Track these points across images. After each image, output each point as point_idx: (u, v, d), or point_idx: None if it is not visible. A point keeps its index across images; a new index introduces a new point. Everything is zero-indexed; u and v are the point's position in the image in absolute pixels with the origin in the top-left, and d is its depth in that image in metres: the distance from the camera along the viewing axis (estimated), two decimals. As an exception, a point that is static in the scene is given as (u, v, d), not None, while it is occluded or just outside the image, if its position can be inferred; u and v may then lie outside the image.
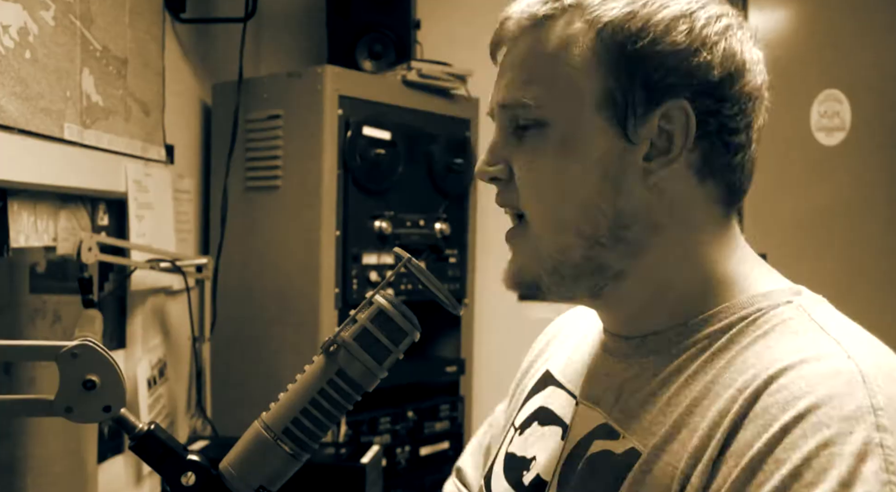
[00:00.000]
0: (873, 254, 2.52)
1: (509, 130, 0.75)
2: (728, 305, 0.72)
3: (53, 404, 0.73)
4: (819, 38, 2.59)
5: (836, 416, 0.58)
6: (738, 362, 0.67)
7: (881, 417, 0.58)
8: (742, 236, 0.78)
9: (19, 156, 1.32)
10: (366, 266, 2.05)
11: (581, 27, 0.70)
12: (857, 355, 0.63)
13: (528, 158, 0.73)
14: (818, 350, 0.64)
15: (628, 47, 0.69)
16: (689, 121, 0.70)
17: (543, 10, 0.72)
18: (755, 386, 0.63)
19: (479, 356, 2.49)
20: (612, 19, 0.69)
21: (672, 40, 0.69)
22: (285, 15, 2.47)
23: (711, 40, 0.70)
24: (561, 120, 0.71)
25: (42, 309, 1.51)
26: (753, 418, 0.61)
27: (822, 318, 0.69)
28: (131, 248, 1.72)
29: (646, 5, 0.69)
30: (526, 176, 0.73)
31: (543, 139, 0.72)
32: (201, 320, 2.02)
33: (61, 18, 1.45)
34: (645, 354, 0.75)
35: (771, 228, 2.58)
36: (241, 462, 0.74)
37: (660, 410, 0.70)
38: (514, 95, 0.73)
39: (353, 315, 0.74)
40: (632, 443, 0.70)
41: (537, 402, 0.88)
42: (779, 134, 2.59)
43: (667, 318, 0.74)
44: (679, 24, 0.69)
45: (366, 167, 2.04)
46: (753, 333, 0.68)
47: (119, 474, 1.74)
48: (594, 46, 0.70)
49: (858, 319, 0.70)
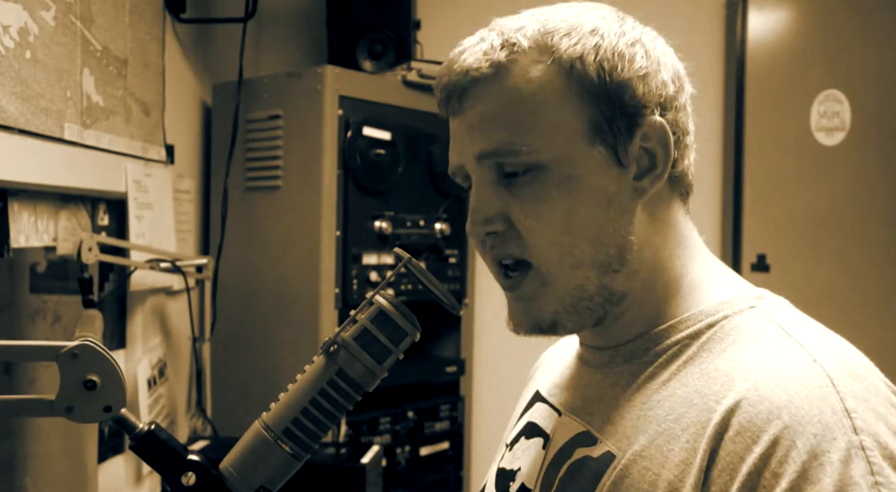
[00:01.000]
0: (873, 254, 2.52)
1: (494, 180, 0.74)
2: (695, 312, 0.74)
3: (54, 404, 0.73)
4: (819, 38, 2.59)
5: (817, 423, 0.61)
6: (710, 371, 0.69)
7: (856, 419, 0.61)
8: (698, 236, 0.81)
9: (19, 156, 1.32)
10: (366, 266, 2.05)
11: (549, 67, 0.71)
12: (821, 358, 0.65)
13: (531, 205, 0.72)
14: (785, 357, 0.66)
15: (603, 79, 0.71)
16: (667, 135, 0.73)
17: (503, 55, 0.72)
18: (733, 397, 0.64)
19: (479, 356, 2.49)
20: (581, 56, 0.71)
21: (637, 66, 0.72)
22: (285, 15, 2.47)
23: (661, 59, 0.75)
24: (557, 159, 0.71)
25: (42, 309, 1.51)
26: (740, 430, 0.63)
27: (784, 321, 0.71)
28: (131, 248, 1.72)
29: (604, 37, 0.72)
30: (533, 224, 0.72)
31: (543, 183, 0.72)
32: (201, 320, 2.02)
33: (61, 18, 1.45)
34: (620, 362, 0.77)
35: (771, 228, 2.58)
36: (242, 462, 0.74)
37: (635, 416, 0.72)
38: (497, 143, 0.72)
39: (354, 315, 0.75)
40: (607, 446, 0.72)
41: (525, 419, 0.90)
42: (779, 134, 2.59)
43: (639, 326, 0.76)
44: (636, 50, 0.73)
45: (366, 167, 2.04)
46: (722, 340, 0.71)
47: (119, 474, 1.74)
48: (567, 84, 0.71)
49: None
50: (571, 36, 0.72)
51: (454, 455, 2.32)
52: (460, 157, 0.77)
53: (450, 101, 0.76)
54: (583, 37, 0.72)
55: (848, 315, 2.48)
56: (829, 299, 2.49)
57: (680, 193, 0.78)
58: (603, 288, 0.74)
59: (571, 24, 0.72)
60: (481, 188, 0.75)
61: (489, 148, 0.73)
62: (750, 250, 2.56)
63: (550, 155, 0.71)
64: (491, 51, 0.72)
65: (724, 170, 2.62)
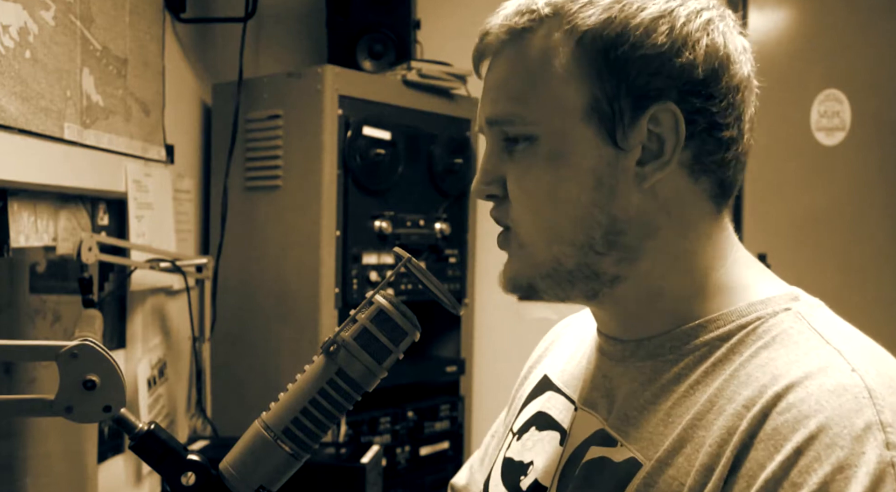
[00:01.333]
0: (873, 254, 2.52)
1: (500, 145, 0.74)
2: (726, 312, 0.71)
3: (53, 404, 0.73)
4: (819, 38, 2.59)
5: (847, 435, 0.58)
6: (741, 375, 0.66)
7: (890, 434, 0.58)
8: (735, 234, 0.78)
9: (19, 156, 1.32)
10: (366, 266, 2.05)
11: (561, 37, 0.69)
12: (860, 368, 0.62)
13: (520, 174, 0.73)
14: (821, 363, 0.63)
15: (610, 54, 0.68)
16: (679, 122, 0.69)
17: (521, 22, 0.71)
18: (763, 403, 0.62)
19: (479, 356, 2.49)
20: (591, 27, 0.68)
21: (653, 42, 0.67)
22: (285, 15, 2.47)
23: (693, 38, 0.68)
24: (549, 133, 0.70)
25: (42, 309, 1.51)
26: (764, 438, 0.60)
27: (822, 326, 0.68)
28: (131, 248, 1.72)
29: (623, 9, 0.68)
30: (518, 193, 0.73)
31: (533, 154, 0.71)
32: (201, 320, 2.02)
33: (61, 18, 1.45)
34: (641, 358, 0.74)
35: (771, 227, 2.58)
36: (241, 462, 0.74)
37: (660, 420, 0.69)
38: (500, 111, 0.73)
39: (353, 315, 0.74)
40: (631, 452, 0.70)
41: (535, 407, 0.87)
42: (779, 134, 2.59)
43: (662, 322, 0.74)
44: (659, 24, 0.68)
45: (366, 167, 2.04)
46: (754, 343, 0.68)
47: (119, 474, 1.74)
48: (576, 56, 0.69)
49: (858, 319, 0.70)
50: (594, 5, 0.69)
51: (454, 455, 2.32)
52: (479, 119, 0.77)
53: (475, 62, 0.77)
54: (604, 7, 0.68)
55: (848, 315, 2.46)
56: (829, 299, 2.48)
57: (707, 188, 0.73)
58: (584, 266, 0.72)
59: None
60: (489, 152, 0.76)
61: (493, 115, 0.74)
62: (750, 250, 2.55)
63: (543, 128, 0.71)
64: (513, 15, 0.72)
65: (724, 170, 2.62)
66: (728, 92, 0.70)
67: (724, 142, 0.72)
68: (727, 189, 0.75)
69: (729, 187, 0.75)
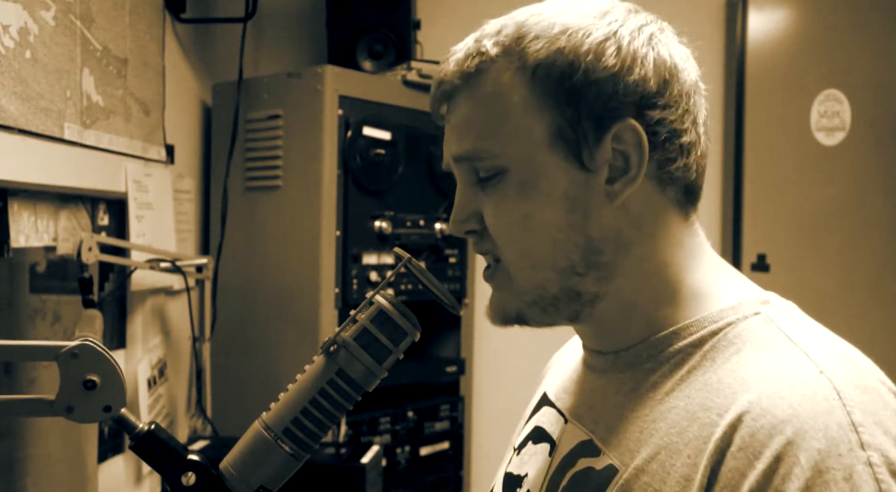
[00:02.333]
0: (873, 253, 2.52)
1: (471, 181, 0.76)
2: (698, 318, 0.72)
3: (54, 404, 0.73)
4: (819, 38, 2.59)
5: (822, 438, 0.59)
6: (713, 382, 0.67)
7: (863, 433, 0.59)
8: (706, 240, 0.79)
9: (19, 156, 1.32)
10: (366, 266, 2.05)
11: (514, 74, 0.72)
12: (827, 369, 0.64)
13: (495, 207, 0.74)
14: (790, 367, 0.65)
15: (565, 83, 0.70)
16: (641, 137, 0.71)
17: (473, 65, 0.73)
18: (736, 411, 0.63)
19: (479, 356, 2.49)
20: (543, 60, 0.70)
21: (604, 65, 0.70)
22: (285, 15, 2.47)
23: (640, 54, 0.71)
24: (517, 164, 0.72)
25: (42, 309, 1.51)
26: (742, 446, 0.61)
27: (790, 329, 0.69)
28: (131, 248, 1.72)
29: (569, 38, 0.70)
30: (495, 223, 0.75)
31: (505, 185, 0.73)
32: (201, 320, 2.02)
33: (61, 18, 1.45)
34: (621, 369, 0.76)
35: (771, 227, 2.58)
36: (242, 462, 0.74)
37: (637, 427, 0.71)
38: (466, 148, 0.75)
39: (353, 315, 0.75)
40: (610, 459, 0.72)
41: (533, 422, 0.90)
42: (779, 134, 2.59)
43: (638, 332, 0.75)
44: (606, 47, 0.70)
45: (366, 167, 2.04)
46: (726, 349, 0.69)
47: (119, 474, 1.74)
48: (532, 89, 0.71)
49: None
50: (540, 39, 0.71)
51: (454, 455, 2.32)
52: (446, 156, 0.79)
53: (433, 106, 0.79)
54: (550, 39, 0.71)
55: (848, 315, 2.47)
56: (829, 299, 2.48)
57: (674, 196, 0.75)
58: (568, 290, 0.74)
59: (544, 26, 0.71)
60: (461, 189, 0.77)
61: (460, 152, 0.76)
62: (750, 250, 2.56)
63: (511, 160, 0.73)
64: (463, 60, 0.74)
65: (724, 170, 2.62)
66: (681, 98, 0.73)
67: (686, 147, 0.74)
68: (693, 195, 0.77)
69: (695, 192, 0.77)
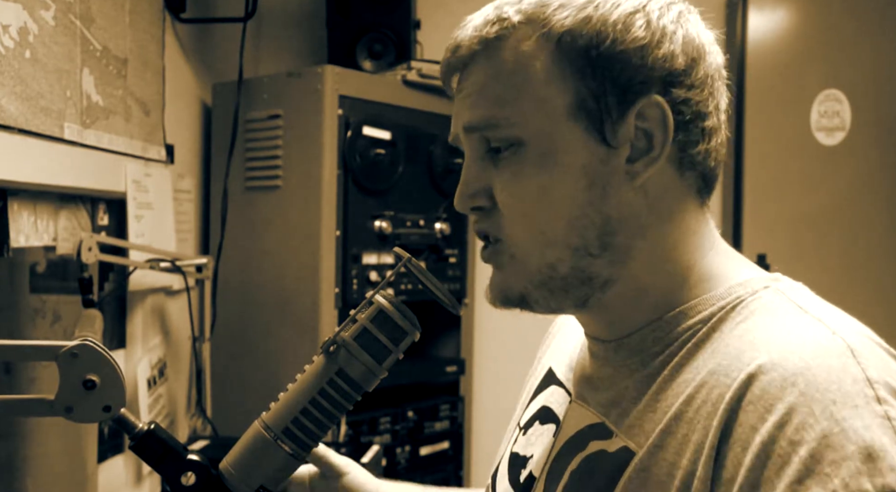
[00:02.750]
0: (873, 253, 2.52)
1: (481, 154, 0.73)
2: (706, 297, 0.71)
3: (53, 404, 0.73)
4: (819, 38, 2.59)
5: (836, 390, 0.57)
6: (721, 349, 0.66)
7: (878, 389, 0.58)
8: (715, 227, 0.78)
9: (19, 156, 1.32)
10: (366, 266, 2.05)
11: (537, 41, 0.69)
12: (840, 331, 0.62)
13: (509, 180, 0.71)
14: (803, 329, 0.63)
15: (591, 52, 0.68)
16: (666, 115, 0.69)
17: (493, 31, 0.70)
18: (748, 369, 0.61)
19: (479, 356, 2.49)
20: (570, 28, 0.68)
21: (633, 37, 0.68)
22: (285, 15, 2.47)
23: (669, 30, 0.69)
24: (536, 136, 0.69)
25: (42, 309, 1.51)
26: (753, 400, 0.59)
27: (801, 300, 0.68)
28: (131, 248, 1.72)
29: (598, 7, 0.68)
30: (509, 200, 0.71)
31: (521, 159, 0.70)
32: (201, 320, 2.02)
33: (61, 18, 1.45)
34: (626, 355, 0.74)
35: (771, 227, 2.58)
36: (242, 462, 0.74)
37: (647, 406, 0.69)
38: (480, 116, 0.71)
39: (353, 315, 0.75)
40: (623, 441, 0.70)
41: (540, 401, 0.87)
42: (779, 134, 2.59)
43: (644, 317, 0.73)
44: (635, 19, 0.68)
45: (366, 167, 2.04)
46: (734, 319, 0.68)
47: (119, 474, 1.74)
48: (556, 58, 0.69)
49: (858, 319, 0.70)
50: (566, 7, 0.69)
51: (454, 455, 2.32)
52: (454, 128, 0.76)
53: (446, 75, 0.76)
54: (577, 7, 0.68)
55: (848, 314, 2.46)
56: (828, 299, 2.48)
57: (693, 182, 0.73)
58: (579, 271, 0.71)
59: None
60: (470, 162, 0.74)
61: (473, 121, 0.72)
62: (750, 250, 2.56)
63: (529, 131, 0.69)
64: (482, 26, 0.71)
65: (724, 170, 2.62)
66: (706, 80, 0.71)
67: (708, 132, 0.72)
68: (710, 182, 0.75)
69: (712, 180, 0.75)
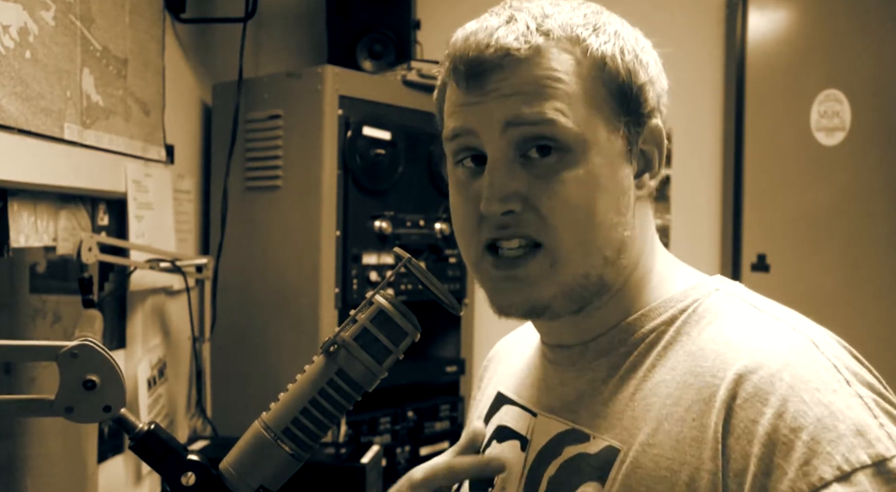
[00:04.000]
0: (873, 254, 2.52)
1: (512, 156, 0.72)
2: (665, 299, 0.77)
3: (54, 404, 0.73)
4: (819, 38, 2.59)
5: (816, 378, 0.65)
6: (695, 352, 0.72)
7: (845, 373, 0.66)
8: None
9: (19, 156, 1.32)
10: (366, 266, 2.05)
11: (583, 58, 0.73)
12: (798, 326, 0.71)
13: (558, 188, 0.71)
14: (767, 328, 0.71)
15: (629, 80, 0.74)
16: (662, 138, 0.78)
17: (540, 40, 0.72)
18: (734, 370, 0.67)
19: (479, 356, 2.49)
20: (612, 54, 0.74)
21: (651, 71, 0.76)
22: (285, 15, 2.47)
23: (660, 66, 0.79)
24: (587, 145, 0.72)
25: (42, 309, 1.51)
26: (748, 397, 0.65)
27: (751, 299, 0.76)
28: (131, 248, 1.72)
29: (626, 41, 0.75)
30: (557, 205, 0.72)
31: (570, 165, 0.72)
32: (201, 320, 2.02)
33: (61, 18, 1.45)
34: (592, 358, 0.78)
35: (771, 227, 2.58)
36: (242, 462, 0.74)
37: (630, 407, 0.73)
38: (535, 113, 0.71)
39: (353, 315, 0.74)
40: (606, 441, 0.73)
41: (494, 422, 0.90)
42: (779, 134, 2.59)
43: (611, 320, 0.78)
44: (650, 55, 0.77)
45: (366, 167, 2.04)
46: (698, 323, 0.74)
47: (119, 474, 1.74)
48: (600, 78, 0.73)
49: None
50: (599, 34, 0.74)
51: (454, 455, 2.32)
52: (478, 123, 0.73)
53: (479, 74, 0.73)
54: (610, 37, 0.74)
55: (848, 314, 2.47)
56: (829, 299, 2.48)
57: (653, 190, 0.81)
58: (601, 278, 0.75)
59: (595, 23, 0.75)
60: (501, 165, 0.73)
61: (522, 113, 0.71)
62: (750, 250, 2.56)
63: (579, 134, 0.72)
64: (527, 33, 0.72)
65: (724, 170, 2.62)
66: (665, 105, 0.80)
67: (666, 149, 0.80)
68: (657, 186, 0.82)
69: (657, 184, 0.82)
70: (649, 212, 0.81)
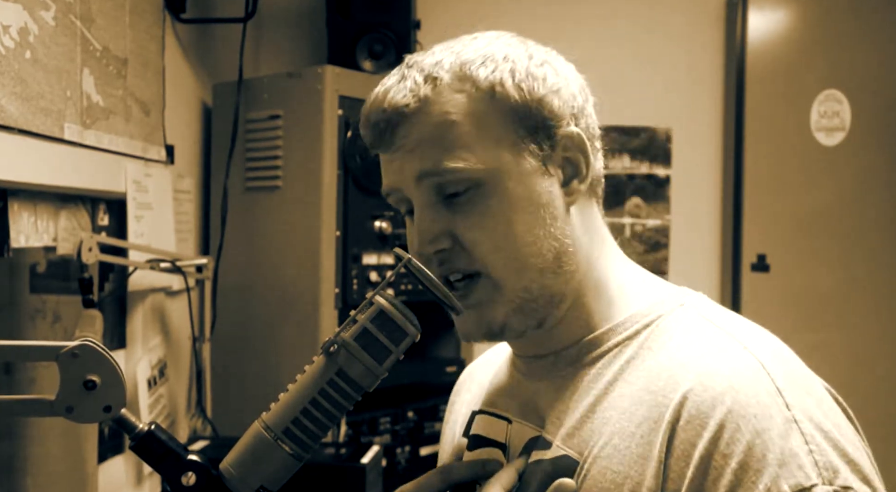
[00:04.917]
0: (873, 254, 2.52)
1: (433, 200, 0.78)
2: (633, 314, 0.80)
3: (54, 404, 0.73)
4: (819, 38, 2.59)
5: (755, 404, 0.67)
6: (653, 368, 0.74)
7: (787, 395, 0.68)
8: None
9: (19, 156, 1.32)
10: (366, 266, 2.05)
11: (472, 94, 0.77)
12: (750, 345, 0.73)
13: (475, 219, 0.77)
14: (720, 348, 0.73)
15: (524, 98, 0.77)
16: (583, 142, 0.79)
17: (427, 90, 0.77)
18: (681, 391, 0.70)
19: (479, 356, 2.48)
20: (501, 80, 0.77)
21: (549, 83, 0.78)
22: (285, 15, 2.47)
23: (565, 74, 0.81)
24: (493, 174, 0.76)
25: (42, 309, 1.51)
26: (689, 419, 0.68)
27: (712, 316, 0.78)
28: (131, 248, 1.72)
29: (516, 62, 0.78)
30: (481, 237, 0.77)
31: (482, 197, 0.76)
32: (201, 320, 2.03)
33: (61, 18, 1.45)
34: (562, 367, 0.81)
35: (771, 227, 2.58)
36: (242, 462, 0.74)
37: (585, 417, 0.76)
38: (435, 163, 0.76)
39: (354, 315, 0.75)
40: (562, 450, 0.76)
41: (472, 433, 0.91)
42: (779, 134, 2.60)
43: (577, 331, 0.81)
44: (545, 69, 0.79)
45: (366, 167, 2.04)
46: (659, 338, 0.77)
47: (119, 474, 1.74)
48: (493, 106, 0.77)
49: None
50: (487, 64, 0.77)
51: (454, 455, 2.32)
52: (398, 180, 0.81)
53: (382, 135, 0.81)
54: (497, 64, 0.77)
55: (847, 314, 2.47)
56: (828, 299, 2.48)
57: (596, 195, 0.83)
58: (544, 289, 0.78)
59: (484, 54, 0.78)
60: (424, 210, 0.79)
61: (427, 167, 0.77)
62: (750, 250, 2.56)
63: (485, 170, 0.76)
64: (415, 87, 0.78)
65: (724, 170, 2.62)
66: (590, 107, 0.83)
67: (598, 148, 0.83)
68: (602, 190, 0.85)
69: (602, 188, 0.85)
70: (594, 214, 0.83)
